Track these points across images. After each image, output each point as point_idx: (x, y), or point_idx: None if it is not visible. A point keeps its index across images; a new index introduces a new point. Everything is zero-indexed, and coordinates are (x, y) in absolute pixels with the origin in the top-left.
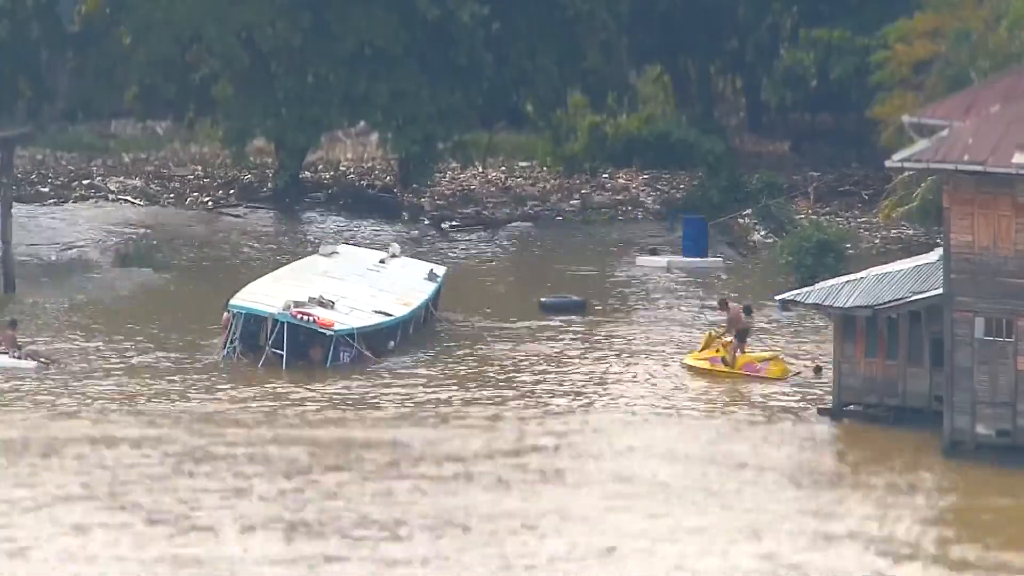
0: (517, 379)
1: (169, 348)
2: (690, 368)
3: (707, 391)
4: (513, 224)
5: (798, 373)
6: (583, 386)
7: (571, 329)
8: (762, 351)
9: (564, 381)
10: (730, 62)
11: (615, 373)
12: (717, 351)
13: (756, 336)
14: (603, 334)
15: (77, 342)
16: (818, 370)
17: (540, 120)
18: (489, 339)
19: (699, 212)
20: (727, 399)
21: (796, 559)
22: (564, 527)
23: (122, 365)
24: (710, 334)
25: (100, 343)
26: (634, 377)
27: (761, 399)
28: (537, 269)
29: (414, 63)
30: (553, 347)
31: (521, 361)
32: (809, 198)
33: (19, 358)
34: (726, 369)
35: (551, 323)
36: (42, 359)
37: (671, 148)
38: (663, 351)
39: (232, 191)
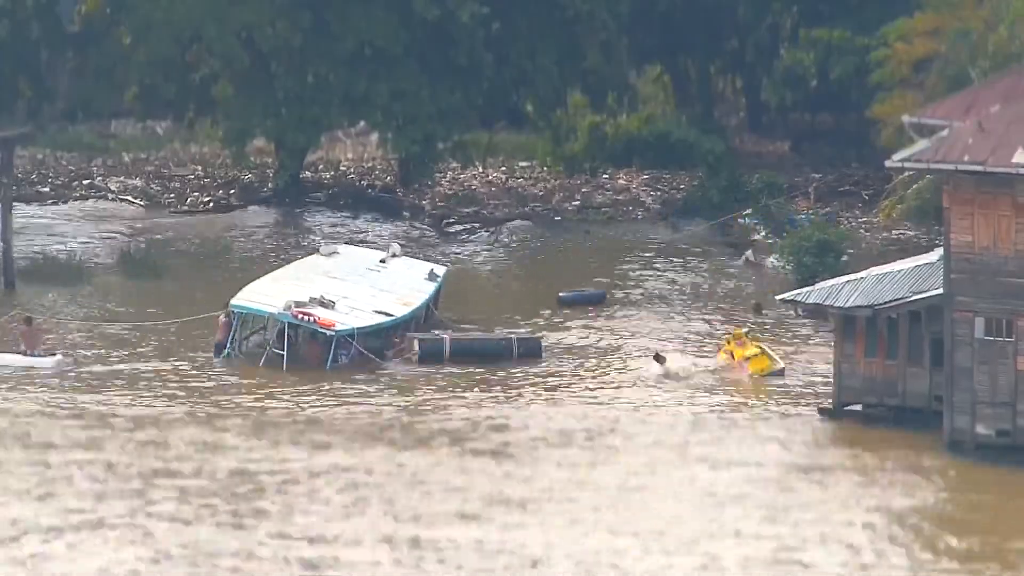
0: (518, 378)
1: (168, 347)
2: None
3: (707, 391)
4: (513, 223)
5: (781, 371)
6: (584, 383)
7: (584, 324)
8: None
9: (566, 377)
10: (730, 62)
11: (617, 371)
12: (729, 344)
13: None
14: (616, 328)
15: (77, 341)
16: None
17: (540, 120)
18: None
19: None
20: (727, 399)
21: (794, 558)
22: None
23: (122, 364)
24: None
25: (100, 342)
26: (637, 374)
27: (762, 399)
28: (550, 267)
29: (414, 63)
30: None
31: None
32: (809, 198)
33: (38, 355)
34: (728, 360)
35: (561, 319)
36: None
37: (671, 148)
38: (671, 347)
39: (232, 191)
